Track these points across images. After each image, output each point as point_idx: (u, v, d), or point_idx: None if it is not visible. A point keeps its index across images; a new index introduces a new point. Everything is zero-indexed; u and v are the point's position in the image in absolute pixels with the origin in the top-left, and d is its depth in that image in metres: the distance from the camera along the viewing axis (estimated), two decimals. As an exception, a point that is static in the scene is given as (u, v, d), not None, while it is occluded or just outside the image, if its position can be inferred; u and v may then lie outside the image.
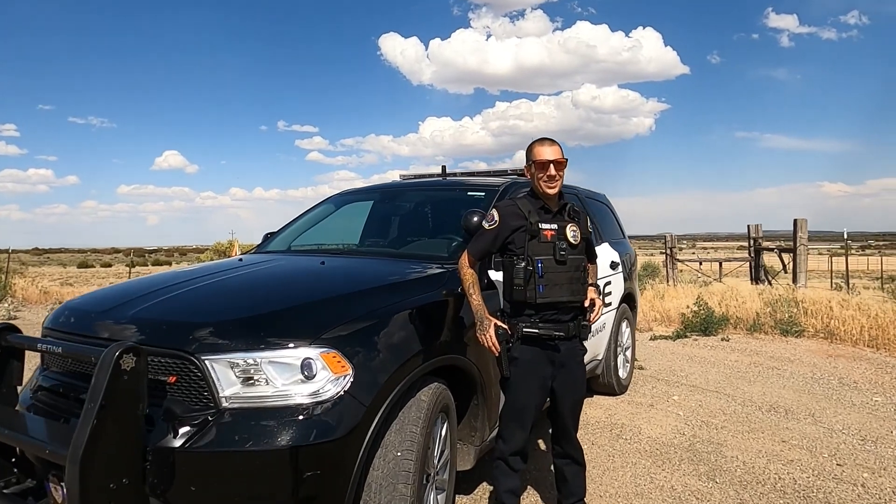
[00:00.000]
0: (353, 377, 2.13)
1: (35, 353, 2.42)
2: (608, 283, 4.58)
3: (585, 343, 2.72)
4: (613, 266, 4.78)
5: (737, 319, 8.50)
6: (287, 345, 2.11)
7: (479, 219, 2.79)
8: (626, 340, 5.32)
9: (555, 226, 2.57)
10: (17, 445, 2.16)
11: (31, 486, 2.21)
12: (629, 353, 5.40)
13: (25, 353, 2.41)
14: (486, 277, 2.89)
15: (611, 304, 4.67)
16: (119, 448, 1.85)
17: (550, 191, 2.57)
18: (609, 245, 4.92)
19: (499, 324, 2.52)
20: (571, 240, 2.58)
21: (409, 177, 4.76)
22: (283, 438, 1.98)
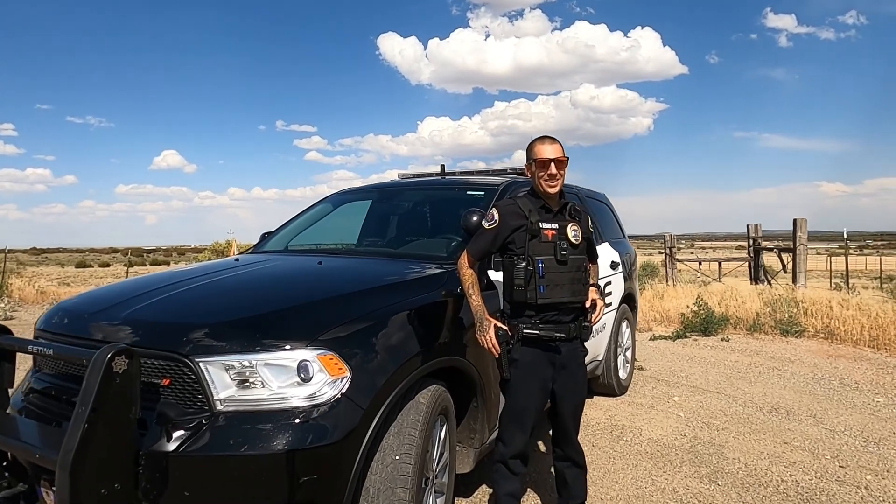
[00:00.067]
0: (351, 379, 2.09)
1: (27, 355, 2.38)
2: (608, 283, 4.56)
3: (586, 344, 2.68)
4: (614, 266, 4.76)
5: (737, 319, 8.48)
6: (283, 346, 2.07)
7: (479, 218, 2.75)
8: (627, 341, 5.30)
9: (556, 225, 2.54)
10: (8, 450, 2.12)
11: (23, 491, 2.18)
12: (629, 354, 5.38)
13: (16, 356, 2.36)
14: (486, 278, 2.86)
15: (611, 305, 4.65)
16: (111, 452, 1.81)
17: (551, 190, 2.53)
18: (609, 245, 4.90)
19: (499, 325, 2.48)
20: (573, 239, 2.54)
21: (408, 176, 4.72)
22: (279, 442, 1.94)
